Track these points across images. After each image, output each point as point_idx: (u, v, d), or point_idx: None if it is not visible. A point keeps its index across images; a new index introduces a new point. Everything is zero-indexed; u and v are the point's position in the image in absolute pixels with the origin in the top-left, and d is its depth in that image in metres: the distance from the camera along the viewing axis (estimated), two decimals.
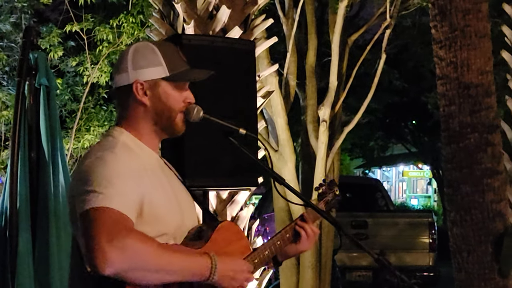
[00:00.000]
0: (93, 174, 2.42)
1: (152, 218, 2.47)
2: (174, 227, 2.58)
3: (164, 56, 2.64)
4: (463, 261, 5.34)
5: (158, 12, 5.94)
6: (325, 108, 8.04)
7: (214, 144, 3.62)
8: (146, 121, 2.63)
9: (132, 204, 2.41)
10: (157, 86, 2.62)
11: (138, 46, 2.69)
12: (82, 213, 2.36)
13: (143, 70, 2.61)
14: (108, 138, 2.60)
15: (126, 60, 2.63)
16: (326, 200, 3.13)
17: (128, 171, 2.46)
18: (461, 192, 5.35)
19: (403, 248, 11.54)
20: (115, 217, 2.34)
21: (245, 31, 5.76)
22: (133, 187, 2.43)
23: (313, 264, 8.32)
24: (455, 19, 5.35)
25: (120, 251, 2.27)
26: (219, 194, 5.60)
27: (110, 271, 2.26)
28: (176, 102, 2.66)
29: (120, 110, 2.68)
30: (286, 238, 2.92)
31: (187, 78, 2.75)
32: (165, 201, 2.58)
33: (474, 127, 5.34)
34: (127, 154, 2.53)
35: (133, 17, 8.49)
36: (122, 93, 2.63)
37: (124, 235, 2.30)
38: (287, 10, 8.83)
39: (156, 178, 2.59)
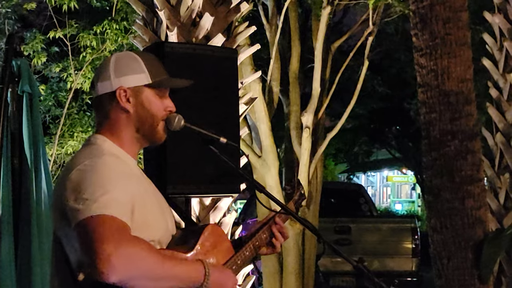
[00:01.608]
0: (85, 182, 2.41)
1: (142, 224, 2.48)
2: (160, 233, 2.60)
3: (146, 64, 2.66)
4: (443, 267, 5.38)
5: (141, 19, 5.94)
6: (308, 114, 8.08)
7: (196, 151, 3.63)
8: (128, 128, 2.65)
9: (127, 210, 2.41)
10: (140, 93, 2.63)
11: (120, 55, 2.71)
12: (80, 222, 2.34)
13: (126, 77, 2.62)
14: (92, 147, 2.59)
15: (108, 68, 2.64)
16: (294, 200, 3.22)
17: (119, 177, 2.47)
18: (441, 199, 5.40)
19: (386, 254, 11.60)
20: (117, 224, 2.33)
21: (228, 38, 5.78)
22: (125, 194, 2.44)
23: (296, 270, 8.35)
24: (436, 28, 5.41)
25: (126, 259, 2.27)
26: (202, 201, 5.60)
27: (115, 279, 2.25)
28: (159, 110, 2.68)
29: (101, 118, 2.67)
30: (263, 239, 2.97)
31: (170, 85, 2.77)
32: (151, 207, 2.60)
33: (454, 134, 5.39)
34: (115, 160, 2.54)
35: (117, 24, 8.49)
36: (104, 100, 2.63)
37: (129, 243, 2.31)
38: (270, 17, 8.86)
39: (141, 185, 2.61)
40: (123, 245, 2.28)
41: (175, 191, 4.27)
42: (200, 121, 2.91)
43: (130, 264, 2.28)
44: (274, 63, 8.57)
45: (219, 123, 4.29)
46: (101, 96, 2.64)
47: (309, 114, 8.08)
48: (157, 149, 4.23)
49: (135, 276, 2.30)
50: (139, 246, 2.33)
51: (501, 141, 6.48)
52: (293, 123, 8.86)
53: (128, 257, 2.28)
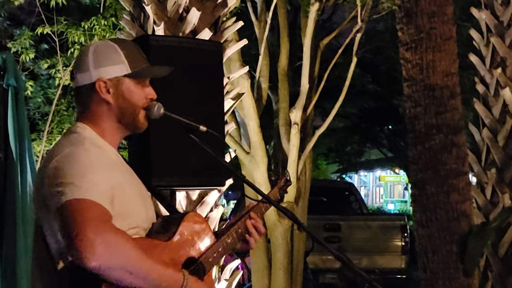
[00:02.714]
0: (66, 169, 2.41)
1: (121, 212, 2.47)
2: (141, 221, 2.60)
3: (125, 54, 2.66)
4: (428, 261, 5.40)
5: (128, 14, 5.95)
6: (296, 111, 8.09)
7: (181, 144, 3.64)
8: (109, 119, 2.65)
9: (107, 197, 2.40)
10: (120, 84, 2.63)
11: (98, 45, 2.70)
12: (62, 206, 2.32)
13: (105, 68, 2.62)
14: (73, 135, 2.59)
15: (87, 59, 2.63)
16: (279, 186, 3.24)
17: (99, 165, 2.47)
18: (426, 192, 5.42)
19: (376, 251, 11.63)
20: (99, 210, 2.32)
21: (215, 33, 5.79)
22: (105, 182, 2.43)
23: (284, 266, 8.35)
24: (421, 22, 5.43)
25: (108, 246, 2.25)
26: (189, 195, 5.61)
27: (95, 264, 2.23)
28: (139, 99, 2.68)
29: (81, 108, 2.67)
30: (243, 228, 2.97)
31: (149, 74, 2.77)
32: (132, 195, 2.60)
33: (439, 128, 5.40)
34: (96, 148, 2.55)
35: (105, 20, 8.49)
36: (84, 91, 2.63)
37: (112, 230, 2.30)
38: (259, 14, 8.88)
39: (121, 173, 2.61)
40: (105, 232, 2.27)
41: (160, 183, 4.28)
42: (185, 113, 2.91)
43: (112, 252, 2.27)
44: (263, 59, 8.59)
45: (203, 115, 4.30)
46: (80, 87, 2.64)
47: (297, 111, 8.10)
48: (141, 142, 4.26)
49: (115, 266, 2.28)
50: (121, 237, 2.32)
51: (487, 136, 6.51)
52: (282, 119, 8.87)
53: (110, 245, 2.27)
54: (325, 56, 9.90)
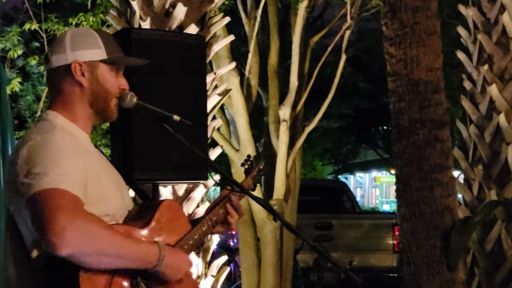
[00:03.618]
0: (36, 157, 2.40)
1: (95, 198, 2.47)
2: (116, 207, 2.60)
3: (102, 40, 2.66)
4: (412, 255, 5.40)
5: (115, 10, 5.96)
6: (285, 108, 8.10)
7: (162, 138, 3.64)
8: (82, 103, 2.64)
9: (79, 184, 2.39)
10: (95, 68, 2.63)
11: (76, 30, 2.75)
12: (32, 196, 2.32)
13: (82, 52, 2.61)
14: (43, 123, 2.58)
15: (64, 41, 2.63)
16: (252, 175, 3.20)
17: (71, 152, 2.46)
18: (410, 187, 5.41)
19: (367, 249, 11.64)
20: (69, 198, 2.32)
21: (202, 28, 5.79)
22: (78, 168, 2.42)
23: (274, 263, 8.36)
24: (405, 17, 5.43)
25: (79, 233, 2.25)
26: (175, 191, 5.60)
27: (66, 252, 2.24)
28: (112, 86, 2.68)
29: (54, 92, 2.67)
30: (220, 214, 2.97)
31: (125, 62, 2.78)
32: (106, 181, 2.60)
33: (423, 123, 5.40)
34: (67, 135, 2.54)
35: (94, 16, 8.48)
36: (58, 74, 2.62)
37: (83, 217, 2.30)
38: (249, 11, 8.89)
39: (95, 160, 2.60)
40: (76, 219, 2.27)
41: (142, 177, 4.28)
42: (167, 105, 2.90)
43: (83, 238, 2.27)
44: (253, 57, 8.60)
45: (185, 109, 4.31)
46: (55, 69, 2.63)
47: (286, 108, 8.10)
48: (124, 136, 4.26)
49: (87, 251, 2.28)
50: (92, 222, 2.32)
51: (474, 133, 6.51)
52: (271, 117, 8.88)
53: (81, 231, 2.26)
54: (316, 54, 9.91)
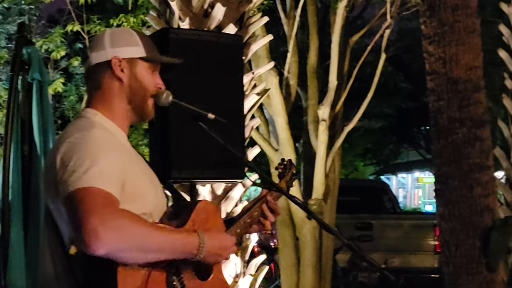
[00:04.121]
0: (74, 155, 2.41)
1: (133, 196, 2.49)
2: (152, 206, 2.61)
3: (140, 39, 2.71)
4: (451, 255, 5.36)
5: (155, 10, 6.01)
6: (324, 107, 8.07)
7: (200, 136, 3.68)
8: (120, 99, 2.67)
9: (117, 183, 2.41)
10: (134, 65, 2.67)
11: (115, 29, 2.82)
12: (69, 195, 2.34)
13: (122, 48, 2.66)
14: (82, 120, 2.61)
15: (103, 39, 2.67)
16: (286, 180, 3.25)
17: (109, 149, 2.47)
18: (449, 186, 5.37)
19: (408, 250, 11.54)
20: (104, 196, 2.33)
21: (241, 28, 5.81)
22: (116, 166, 2.44)
23: (313, 263, 8.34)
24: (444, 15, 5.39)
25: (113, 232, 2.26)
26: (214, 190, 5.63)
27: (102, 251, 2.25)
28: (150, 84, 2.71)
29: (92, 89, 2.70)
30: (255, 216, 2.99)
31: (162, 60, 2.81)
32: (143, 180, 2.61)
33: (463, 122, 5.36)
34: (106, 133, 2.56)
35: (134, 17, 8.56)
36: (97, 70, 2.66)
37: (116, 215, 2.31)
38: (288, 11, 8.88)
39: (132, 158, 2.63)
40: (110, 218, 2.28)
41: (180, 176, 4.32)
42: (204, 105, 2.93)
43: (117, 236, 2.27)
44: (292, 56, 8.59)
45: (222, 108, 4.33)
46: (94, 66, 2.66)
47: (325, 108, 8.08)
48: (162, 135, 4.30)
49: (123, 248, 2.30)
50: (127, 218, 2.33)
51: None
52: (310, 117, 8.87)
53: (115, 229, 2.27)
54: (356, 54, 9.85)
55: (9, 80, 4.84)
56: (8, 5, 9.78)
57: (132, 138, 9.35)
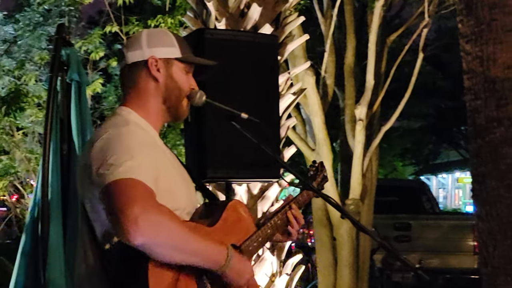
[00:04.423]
0: (110, 149, 2.44)
1: (166, 192, 2.51)
2: (184, 203, 2.64)
3: (176, 40, 2.75)
4: (488, 256, 5.29)
5: (191, 11, 6.06)
6: (361, 107, 8.05)
7: (235, 136, 3.72)
8: (156, 99, 2.70)
9: (152, 178, 2.43)
10: (170, 65, 2.71)
11: (151, 29, 2.87)
12: (108, 185, 2.36)
13: (158, 48, 2.70)
14: (117, 117, 2.65)
15: (140, 39, 2.72)
16: (317, 182, 3.27)
17: (144, 145, 2.51)
18: (486, 186, 5.31)
19: (447, 251, 11.42)
20: (144, 188, 2.36)
21: (277, 28, 5.83)
22: (150, 162, 2.47)
23: (350, 263, 8.33)
24: (481, 13, 5.33)
25: (153, 223, 2.28)
26: (250, 190, 5.65)
27: (140, 241, 2.27)
28: (185, 84, 2.76)
29: (128, 88, 2.74)
30: (284, 220, 3.00)
31: (198, 61, 2.85)
32: (176, 177, 2.65)
33: (500, 121, 5.29)
34: (140, 130, 2.60)
35: (172, 18, 8.62)
36: (134, 69, 2.70)
37: (156, 209, 2.33)
38: (325, 10, 8.87)
39: (165, 156, 2.66)
40: (150, 209, 2.31)
41: (215, 175, 4.36)
42: (239, 105, 2.95)
43: (156, 229, 2.30)
44: (329, 56, 8.59)
45: (257, 108, 4.36)
46: (131, 65, 2.71)
47: (362, 107, 8.06)
48: (197, 135, 4.34)
49: (159, 243, 2.32)
50: (167, 214, 2.36)
51: None
52: (348, 116, 8.85)
53: (155, 222, 2.30)
54: (395, 53, 9.80)
55: (48, 81, 4.91)
56: (48, 7, 9.92)
57: (170, 138, 9.42)
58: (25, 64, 9.52)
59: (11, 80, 9.78)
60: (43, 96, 8.88)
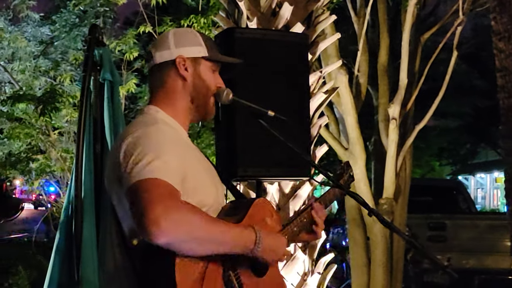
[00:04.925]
0: (137, 148, 2.47)
1: (194, 189, 2.54)
2: (212, 200, 2.67)
3: (203, 39, 2.79)
4: None
5: (223, 11, 6.09)
6: (394, 106, 8.01)
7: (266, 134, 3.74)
8: (183, 98, 2.74)
9: (178, 175, 2.46)
10: (198, 64, 2.75)
11: (178, 29, 2.86)
12: (132, 185, 2.40)
13: (185, 48, 2.73)
14: (145, 116, 2.69)
15: (167, 39, 2.76)
16: (344, 181, 3.28)
17: (172, 144, 2.54)
18: None
19: (483, 251, 11.30)
20: (167, 188, 2.38)
21: (308, 27, 5.83)
22: (178, 160, 2.50)
23: (384, 263, 8.28)
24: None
25: (175, 222, 2.31)
26: (282, 188, 5.66)
27: (163, 241, 2.30)
28: (212, 83, 2.79)
29: (156, 87, 2.78)
30: (310, 217, 3.01)
31: (225, 60, 2.88)
32: (203, 175, 2.68)
33: None
34: (168, 128, 2.63)
35: (205, 18, 8.66)
36: (162, 69, 2.74)
37: (178, 207, 2.36)
38: (358, 9, 8.84)
39: (193, 154, 2.70)
40: (172, 209, 2.33)
41: (245, 173, 4.38)
42: (270, 103, 2.97)
43: (179, 227, 2.32)
44: (362, 55, 8.56)
45: (287, 106, 4.37)
46: (159, 65, 2.75)
47: (395, 106, 8.01)
48: (228, 134, 4.36)
49: (184, 238, 2.34)
50: (189, 211, 2.38)
51: None
52: (381, 115, 8.81)
53: (177, 220, 2.32)
54: (430, 52, 9.72)
55: (81, 81, 4.97)
56: (84, 8, 10.03)
57: (204, 138, 9.46)
58: (60, 64, 9.62)
59: (47, 81, 9.91)
60: (78, 96, 8.98)
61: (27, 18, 10.88)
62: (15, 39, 10.11)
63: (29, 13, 10.82)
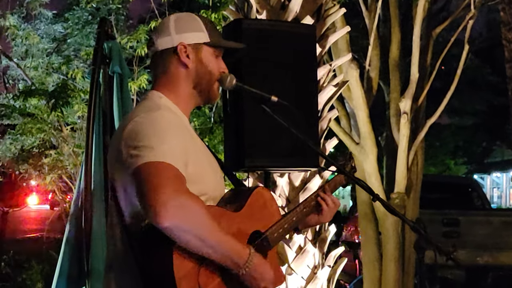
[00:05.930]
0: (141, 132, 2.47)
1: (195, 176, 2.53)
2: (212, 188, 2.67)
3: (205, 24, 2.78)
4: None
5: (233, 5, 6.11)
6: (406, 100, 7.98)
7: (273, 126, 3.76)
8: (186, 84, 2.73)
9: (181, 162, 2.46)
10: (200, 50, 2.74)
11: (180, 14, 2.83)
12: (138, 167, 2.38)
13: (187, 34, 2.73)
14: (148, 101, 2.68)
15: (168, 25, 2.75)
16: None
17: (174, 130, 2.53)
18: None
19: (497, 247, 11.24)
20: (174, 173, 2.38)
21: (318, 20, 5.83)
22: (180, 146, 2.50)
23: (395, 258, 8.25)
24: None
25: (181, 208, 2.30)
26: (291, 181, 5.66)
27: (167, 223, 2.29)
28: (215, 68, 2.78)
29: (158, 74, 2.77)
30: (311, 206, 3.03)
31: (227, 45, 2.87)
32: (204, 163, 2.68)
33: None
34: (171, 114, 2.62)
35: (216, 13, 8.65)
36: (164, 56, 2.74)
37: (186, 194, 2.35)
38: (369, 4, 8.81)
39: (194, 141, 2.69)
40: (180, 193, 2.33)
41: (253, 164, 4.39)
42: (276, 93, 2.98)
43: (184, 214, 2.31)
44: (373, 50, 8.53)
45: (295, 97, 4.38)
46: (161, 52, 2.74)
47: (407, 100, 7.98)
48: (236, 125, 4.38)
49: (185, 228, 2.33)
50: (195, 202, 2.37)
51: None
52: (392, 110, 8.77)
53: (184, 206, 2.32)
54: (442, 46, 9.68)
55: (91, 73, 5.00)
56: (97, 5, 10.07)
57: (217, 134, 9.45)
58: (72, 60, 9.67)
59: (60, 78, 9.96)
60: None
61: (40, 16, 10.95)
62: (28, 36, 10.18)
63: (42, 11, 10.90)
